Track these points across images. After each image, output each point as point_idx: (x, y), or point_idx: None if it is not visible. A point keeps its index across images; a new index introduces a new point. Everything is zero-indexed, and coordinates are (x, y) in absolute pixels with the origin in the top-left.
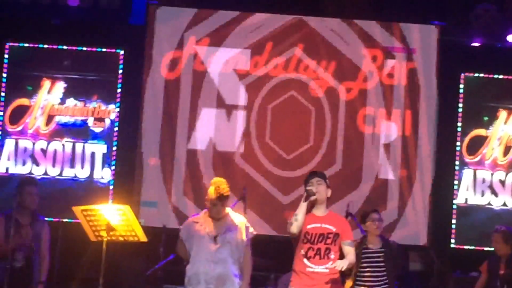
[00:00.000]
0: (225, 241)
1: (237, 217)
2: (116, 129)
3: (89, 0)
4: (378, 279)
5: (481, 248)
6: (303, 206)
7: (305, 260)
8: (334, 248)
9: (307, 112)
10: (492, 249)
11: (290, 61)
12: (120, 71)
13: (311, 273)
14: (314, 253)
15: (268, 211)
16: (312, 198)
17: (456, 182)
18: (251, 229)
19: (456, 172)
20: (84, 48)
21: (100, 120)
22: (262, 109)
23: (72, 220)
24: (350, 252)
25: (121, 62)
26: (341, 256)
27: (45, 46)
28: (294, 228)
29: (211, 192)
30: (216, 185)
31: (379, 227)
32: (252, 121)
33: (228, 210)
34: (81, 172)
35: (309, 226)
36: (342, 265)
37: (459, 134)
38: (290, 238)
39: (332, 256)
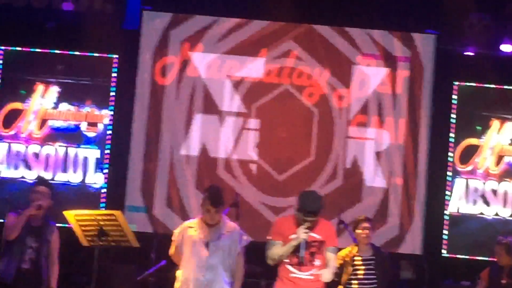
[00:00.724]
0: (218, 247)
1: (232, 224)
2: (109, 134)
3: (83, 5)
4: (369, 287)
5: (473, 257)
6: (290, 248)
7: (289, 267)
8: (319, 255)
9: (300, 119)
10: (484, 258)
11: (284, 68)
12: (114, 76)
13: (295, 278)
14: (298, 261)
15: (259, 219)
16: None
17: (448, 191)
18: (245, 237)
19: (449, 181)
20: (78, 53)
21: (93, 124)
22: (256, 116)
23: (65, 225)
24: (331, 259)
25: (114, 67)
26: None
27: (39, 50)
28: (271, 263)
29: (206, 198)
30: (211, 191)
31: (368, 236)
32: (245, 127)
33: (223, 217)
34: (73, 177)
35: (293, 236)
36: (327, 277)
37: (451, 143)
38: None
39: (316, 263)
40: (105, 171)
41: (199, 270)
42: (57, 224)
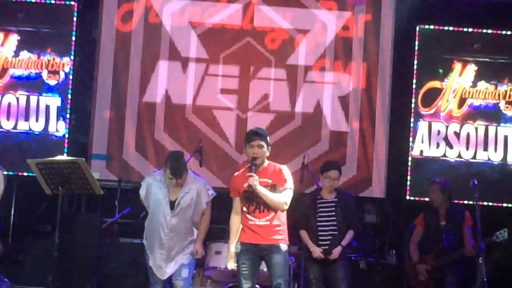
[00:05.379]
0: (181, 207)
1: (196, 179)
2: (70, 82)
3: None
4: (327, 228)
5: None
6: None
7: (247, 215)
8: None
9: (263, 64)
10: None
11: (246, 12)
12: (74, 24)
13: (253, 226)
14: (254, 208)
15: (221, 165)
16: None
17: (411, 134)
18: (210, 191)
19: (412, 124)
20: (38, 0)
21: (55, 73)
22: (218, 61)
23: (28, 174)
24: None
25: (75, 14)
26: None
27: None
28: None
29: (167, 167)
30: (171, 160)
31: (332, 186)
32: (207, 73)
33: (188, 174)
34: (35, 125)
35: (245, 185)
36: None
37: (414, 86)
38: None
39: None
40: (68, 119)
41: (163, 230)
42: (20, 173)
